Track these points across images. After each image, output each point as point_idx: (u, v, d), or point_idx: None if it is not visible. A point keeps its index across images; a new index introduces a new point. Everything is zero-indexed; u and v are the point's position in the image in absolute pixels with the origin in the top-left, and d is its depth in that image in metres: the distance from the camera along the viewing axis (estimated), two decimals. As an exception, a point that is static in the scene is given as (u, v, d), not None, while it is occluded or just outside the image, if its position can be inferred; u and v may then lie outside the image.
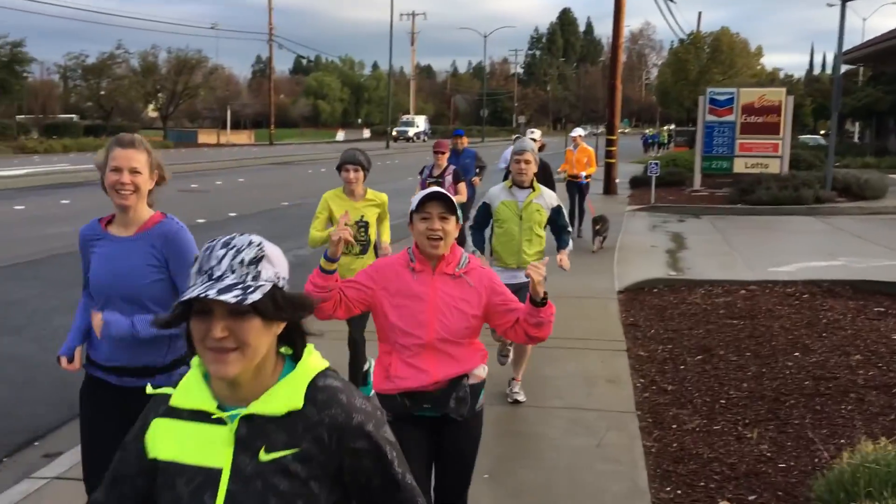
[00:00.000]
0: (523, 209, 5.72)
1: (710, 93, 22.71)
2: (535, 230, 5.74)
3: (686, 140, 44.17)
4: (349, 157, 5.53)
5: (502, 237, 5.77)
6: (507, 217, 5.74)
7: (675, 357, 7.02)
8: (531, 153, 5.72)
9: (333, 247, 3.13)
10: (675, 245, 13.54)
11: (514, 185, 5.81)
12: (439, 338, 3.08)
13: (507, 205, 5.75)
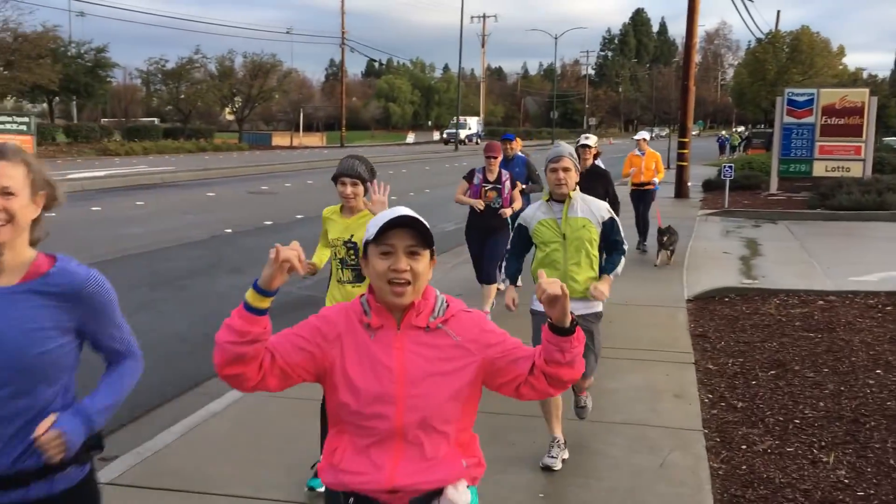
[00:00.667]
0: (565, 226, 4.75)
1: (788, 93, 21.96)
2: (585, 250, 4.76)
3: (763, 142, 42.94)
4: (346, 167, 4.42)
5: (544, 262, 4.78)
6: (548, 238, 4.79)
7: (746, 371, 6.69)
8: (570, 159, 4.77)
9: (269, 269, 2.13)
10: (748, 252, 13.05)
11: (552, 199, 4.84)
12: (412, 421, 2.20)
13: (546, 224, 4.80)
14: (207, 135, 56.52)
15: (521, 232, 4.97)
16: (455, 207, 19.72)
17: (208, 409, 5.77)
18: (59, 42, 48.95)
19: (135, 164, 33.63)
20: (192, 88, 59.39)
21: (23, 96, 49.81)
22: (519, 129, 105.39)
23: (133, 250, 12.35)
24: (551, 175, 4.77)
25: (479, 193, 8.30)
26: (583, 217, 4.76)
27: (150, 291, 9.74)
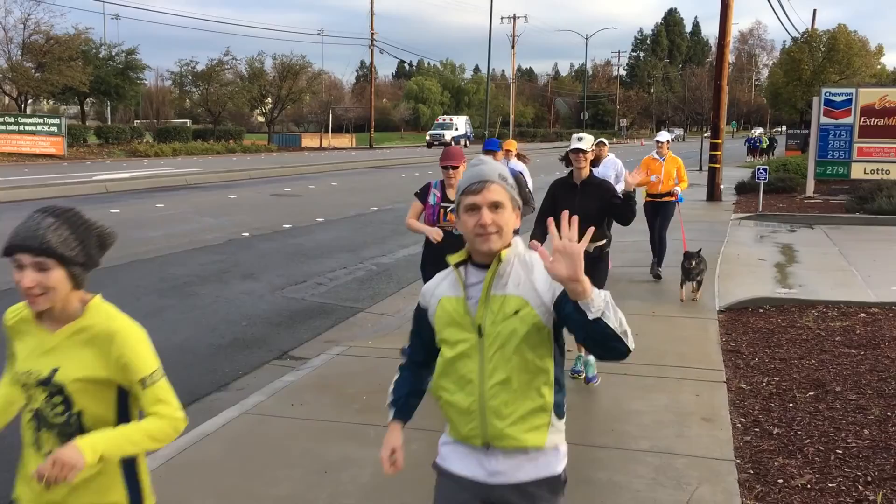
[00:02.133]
0: (483, 311, 2.46)
1: (825, 93, 21.23)
2: (522, 361, 2.45)
3: (798, 143, 41.90)
4: (24, 234, 2.39)
5: (447, 374, 2.60)
6: (452, 335, 2.53)
7: (782, 392, 6.18)
8: (500, 184, 2.47)
9: None
10: (784, 258, 12.46)
11: (470, 262, 2.54)
12: None
13: (451, 307, 2.53)
14: (237, 136, 56.60)
15: (420, 320, 2.67)
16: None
17: (200, 429, 5.40)
18: (90, 44, 49.29)
19: (162, 166, 33.59)
20: (222, 90, 59.50)
21: (54, 98, 50.21)
22: (549, 130, 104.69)
23: (145, 255, 12.07)
24: (466, 218, 2.44)
25: (436, 216, 6.25)
26: (517, 296, 2.42)
27: (157, 298, 9.43)
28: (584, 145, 6.29)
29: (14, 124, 38.35)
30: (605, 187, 6.28)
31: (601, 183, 6.35)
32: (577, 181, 6.32)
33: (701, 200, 21.36)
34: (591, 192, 6.21)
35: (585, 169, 6.31)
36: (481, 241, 2.41)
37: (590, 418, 5.67)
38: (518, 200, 2.52)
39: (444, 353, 2.56)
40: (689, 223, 16.05)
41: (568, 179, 6.39)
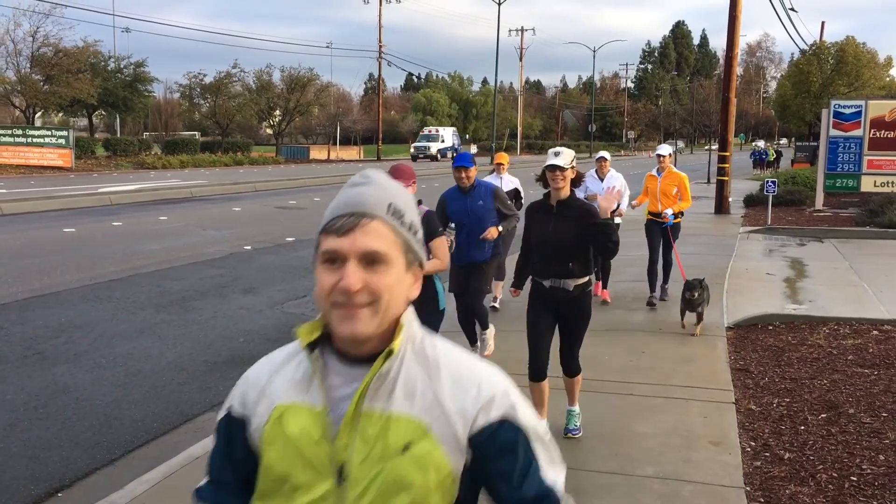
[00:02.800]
0: (347, 436, 1.41)
1: (834, 105, 21.02)
2: None
3: (807, 156, 41.63)
4: None
5: None
6: (290, 469, 1.44)
7: (793, 414, 5.97)
8: (385, 222, 1.44)
9: None
10: (793, 273, 12.23)
11: (333, 349, 1.47)
12: None
13: (298, 421, 1.45)
14: (244, 148, 56.65)
15: (230, 437, 1.55)
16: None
17: (189, 452, 5.22)
18: (99, 57, 49.45)
19: (168, 178, 33.56)
20: (230, 102, 59.62)
21: (63, 110, 50.34)
22: (557, 142, 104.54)
23: (145, 268, 11.92)
24: (322, 275, 1.43)
25: None
26: (409, 416, 1.43)
27: (154, 313, 9.26)
28: (560, 161, 5.24)
29: (22, 136, 38.42)
30: (585, 210, 5.30)
31: (582, 205, 5.39)
32: (554, 203, 5.34)
33: (709, 213, 21.13)
34: (570, 215, 5.26)
35: (564, 189, 5.29)
36: (341, 317, 1.40)
37: (592, 442, 5.47)
38: (421, 256, 1.51)
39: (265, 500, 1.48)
40: (696, 236, 15.87)
41: (544, 202, 5.42)
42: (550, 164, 5.22)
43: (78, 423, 5.97)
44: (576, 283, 5.27)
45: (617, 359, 7.40)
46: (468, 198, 7.05)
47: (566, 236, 5.23)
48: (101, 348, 7.81)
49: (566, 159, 5.26)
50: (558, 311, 5.35)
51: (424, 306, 4.66)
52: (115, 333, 8.34)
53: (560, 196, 5.30)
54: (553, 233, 5.24)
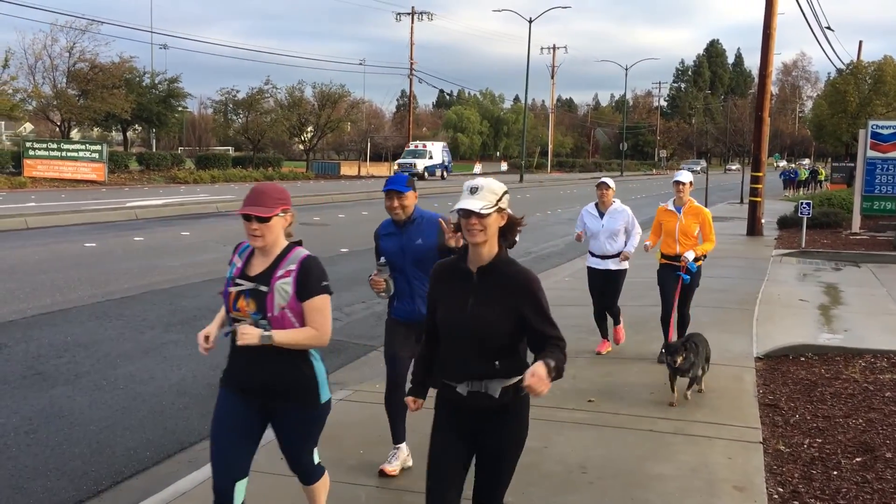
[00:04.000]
0: None
1: (872, 126, 20.49)
2: None
3: (843, 177, 40.77)
4: None
5: None
6: None
7: (825, 457, 5.54)
8: None
9: None
10: (828, 299, 11.73)
11: None
12: None
13: None
14: (275, 163, 56.92)
15: None
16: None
17: (175, 487, 4.94)
18: (134, 72, 50.03)
19: (197, 193, 33.68)
20: (261, 118, 60.04)
21: (97, 125, 50.96)
22: (588, 160, 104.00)
23: (159, 285, 11.75)
24: None
25: (227, 302, 3.68)
26: None
27: (162, 332, 9.04)
28: (477, 202, 3.17)
29: (56, 150, 38.89)
30: (521, 279, 3.28)
31: (518, 273, 3.30)
32: (473, 267, 3.33)
33: (741, 235, 20.61)
34: (497, 287, 3.28)
35: (487, 246, 3.26)
36: None
37: (607, 483, 5.10)
38: None
39: None
40: (727, 259, 15.39)
41: (457, 264, 3.41)
42: (462, 206, 3.17)
43: (68, 449, 5.73)
44: (504, 384, 3.27)
45: (635, 391, 7.02)
46: (403, 234, 5.14)
47: (491, 319, 3.23)
48: (103, 369, 7.59)
49: (487, 198, 3.19)
50: (476, 432, 3.41)
51: (294, 402, 3.64)
52: (119, 353, 8.12)
53: (482, 256, 3.27)
54: (472, 314, 3.25)
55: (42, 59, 43.61)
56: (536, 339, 3.28)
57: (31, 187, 34.58)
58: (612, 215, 8.13)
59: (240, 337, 3.46)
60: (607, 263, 8.21)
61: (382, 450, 5.60)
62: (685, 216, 7.90)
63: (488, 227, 3.20)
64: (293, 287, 3.52)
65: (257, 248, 3.59)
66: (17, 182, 34.86)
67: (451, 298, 3.36)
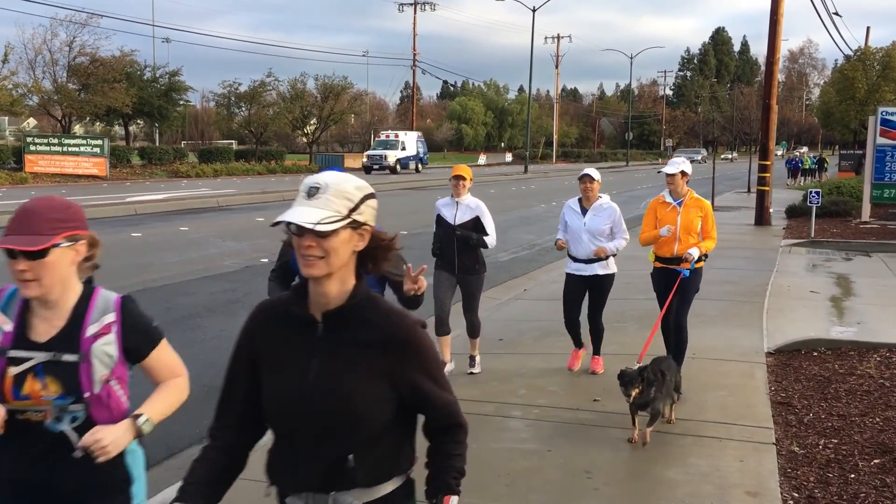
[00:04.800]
0: None
1: (882, 112, 20.13)
2: None
3: (851, 164, 40.35)
4: None
5: None
6: None
7: (842, 459, 5.29)
8: None
9: None
10: (840, 291, 11.45)
11: None
12: None
13: None
14: (278, 157, 56.70)
15: None
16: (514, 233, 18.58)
17: (163, 496, 4.72)
18: (135, 66, 49.80)
19: (199, 187, 33.48)
20: (264, 111, 59.82)
21: (98, 119, 50.79)
22: (594, 150, 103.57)
23: (155, 282, 11.52)
24: None
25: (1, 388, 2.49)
26: None
27: (156, 332, 8.82)
28: (309, 214, 2.00)
29: (58, 145, 38.69)
30: (396, 328, 2.14)
31: (390, 318, 2.16)
32: (317, 312, 2.14)
33: (749, 225, 20.31)
34: (358, 339, 2.13)
35: (334, 281, 2.10)
36: None
37: (613, 489, 4.85)
38: None
39: None
40: (736, 250, 15.10)
41: (292, 306, 2.21)
42: (288, 218, 2.01)
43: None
44: (367, 498, 2.14)
45: (644, 389, 6.75)
46: None
47: (347, 392, 2.09)
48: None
49: (332, 206, 2.03)
50: None
51: None
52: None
53: (328, 296, 2.11)
54: (316, 386, 2.11)
55: (42, 53, 43.47)
56: (427, 421, 2.22)
57: (33, 183, 34.42)
58: (596, 212, 7.04)
59: (100, 451, 2.38)
60: (594, 268, 7.02)
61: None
62: (686, 210, 6.75)
63: (333, 253, 2.01)
64: (118, 347, 2.53)
65: (34, 300, 2.46)
66: (19, 178, 34.69)
67: (280, 362, 2.14)
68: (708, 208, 6.90)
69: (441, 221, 7.11)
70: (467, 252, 7.02)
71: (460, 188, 6.97)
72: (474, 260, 7.10)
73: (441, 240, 7.11)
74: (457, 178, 6.97)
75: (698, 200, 6.87)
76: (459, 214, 7.01)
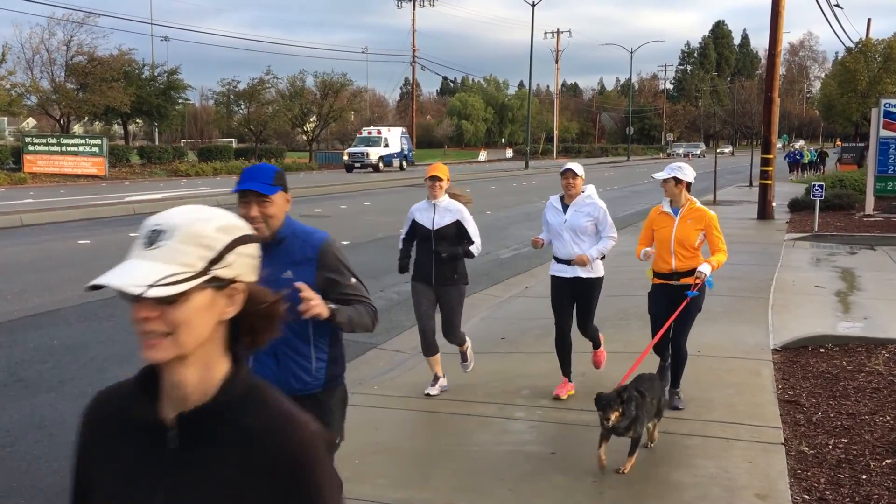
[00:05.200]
0: None
1: (885, 104, 19.95)
2: None
3: (853, 157, 40.23)
4: None
5: None
6: None
7: (853, 459, 5.16)
8: None
9: None
10: (845, 285, 11.32)
11: None
12: None
13: None
14: (278, 154, 56.55)
15: None
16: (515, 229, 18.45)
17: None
18: (133, 65, 49.66)
19: (198, 186, 33.36)
20: (263, 109, 59.69)
21: (96, 118, 50.68)
22: (594, 145, 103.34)
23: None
24: None
25: None
26: None
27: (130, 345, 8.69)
28: (142, 274, 1.37)
29: (56, 145, 38.58)
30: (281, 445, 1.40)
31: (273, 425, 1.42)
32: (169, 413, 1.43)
33: (752, 219, 20.18)
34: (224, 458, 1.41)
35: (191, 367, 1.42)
36: None
37: (617, 493, 4.73)
38: None
39: None
40: (740, 244, 14.98)
41: (134, 403, 1.47)
42: (107, 281, 1.37)
43: (45, 464, 5.38)
44: None
45: (649, 388, 6.63)
46: (267, 260, 1.96)
47: None
48: (89, 374, 7.24)
49: (181, 257, 1.39)
50: None
51: None
52: (107, 357, 7.77)
53: (184, 392, 1.43)
54: None
55: (40, 52, 43.34)
56: None
57: (32, 183, 34.31)
58: (577, 208, 6.34)
59: None
60: (576, 270, 6.33)
61: (379, 459, 5.25)
62: (683, 220, 6.03)
63: (184, 327, 1.39)
64: None
65: None
66: (18, 178, 34.59)
67: (118, 485, 1.45)
68: (711, 220, 6.04)
69: (417, 228, 6.45)
70: (446, 261, 6.36)
71: (436, 189, 6.33)
72: (453, 270, 6.40)
73: (417, 248, 6.50)
74: (433, 179, 6.32)
75: (699, 211, 6.06)
76: (438, 218, 6.36)
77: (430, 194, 6.39)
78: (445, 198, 6.40)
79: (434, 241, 6.34)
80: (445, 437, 5.82)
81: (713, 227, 6.02)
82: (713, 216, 6.11)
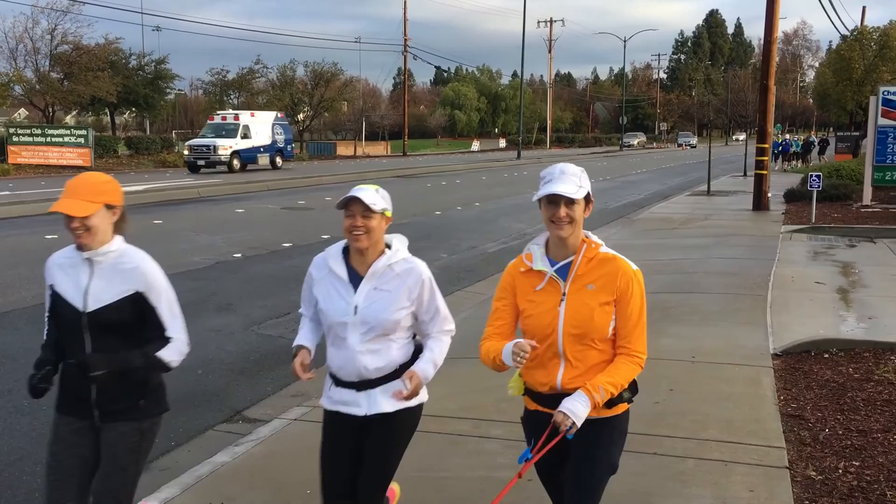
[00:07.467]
0: None
1: (883, 92, 19.44)
2: None
3: (848, 146, 39.62)
4: None
5: None
6: None
7: (866, 486, 4.60)
8: None
9: None
10: (846, 281, 10.77)
11: None
12: None
13: None
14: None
15: None
16: (504, 222, 17.84)
17: None
18: (120, 54, 48.85)
19: (184, 177, 32.68)
20: (253, 99, 58.97)
21: (83, 108, 49.91)
22: (588, 135, 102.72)
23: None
24: None
25: None
26: None
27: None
28: None
29: (41, 136, 37.87)
30: None
31: None
32: None
33: (747, 210, 19.64)
34: None
35: None
36: None
37: None
38: None
39: None
40: (735, 237, 14.45)
41: None
42: None
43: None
44: None
45: (638, 400, 6.05)
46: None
47: None
48: (28, 386, 6.63)
49: None
50: None
51: None
52: (52, 365, 7.16)
53: None
54: None
55: (24, 42, 42.52)
56: None
57: (15, 174, 33.62)
58: (379, 282, 3.41)
59: None
60: (375, 399, 3.44)
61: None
62: (577, 287, 3.08)
63: None
64: None
65: None
66: (1, 169, 33.89)
67: None
68: (631, 281, 3.07)
69: (59, 305, 3.26)
70: (118, 374, 3.21)
71: (92, 233, 3.19)
72: (130, 391, 3.30)
73: (55, 349, 3.28)
74: (71, 219, 3.14)
75: (611, 263, 3.09)
76: (96, 287, 3.23)
77: (78, 241, 3.23)
78: (117, 243, 3.31)
79: (89, 332, 3.23)
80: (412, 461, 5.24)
81: (633, 299, 3.07)
82: (635, 274, 3.09)
